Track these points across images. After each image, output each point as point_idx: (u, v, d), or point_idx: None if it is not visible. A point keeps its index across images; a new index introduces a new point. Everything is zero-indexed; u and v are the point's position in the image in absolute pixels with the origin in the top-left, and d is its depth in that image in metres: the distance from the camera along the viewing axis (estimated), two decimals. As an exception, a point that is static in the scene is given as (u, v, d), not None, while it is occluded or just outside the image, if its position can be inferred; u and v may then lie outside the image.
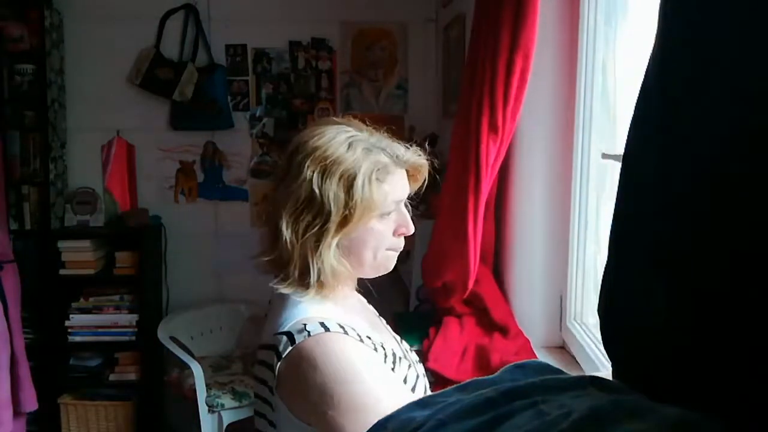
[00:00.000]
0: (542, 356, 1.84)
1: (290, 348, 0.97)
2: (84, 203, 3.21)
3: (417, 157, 1.13)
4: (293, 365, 0.97)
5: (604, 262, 0.52)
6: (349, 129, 1.10)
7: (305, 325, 0.99)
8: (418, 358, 1.27)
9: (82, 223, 3.18)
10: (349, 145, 1.06)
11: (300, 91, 3.36)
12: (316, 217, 1.04)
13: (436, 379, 1.81)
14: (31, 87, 3.05)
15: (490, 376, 0.51)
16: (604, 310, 0.51)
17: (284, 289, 1.06)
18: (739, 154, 0.36)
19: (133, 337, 3.13)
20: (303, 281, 1.06)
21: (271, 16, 3.30)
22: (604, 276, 0.51)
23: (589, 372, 1.75)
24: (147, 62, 3.22)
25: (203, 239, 3.39)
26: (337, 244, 1.06)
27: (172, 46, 3.26)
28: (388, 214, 1.10)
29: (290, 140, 1.12)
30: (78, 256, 3.07)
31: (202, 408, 2.82)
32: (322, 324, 0.99)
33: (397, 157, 1.10)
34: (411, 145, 1.15)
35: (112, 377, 3.17)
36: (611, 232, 0.49)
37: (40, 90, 3.04)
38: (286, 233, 1.04)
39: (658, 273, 0.42)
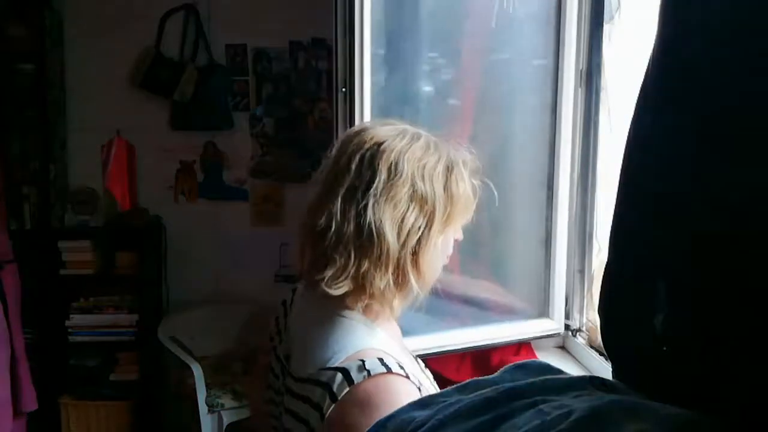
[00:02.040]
0: (542, 356, 1.84)
1: (347, 389, 0.86)
2: (84, 203, 3.20)
3: (474, 156, 1.03)
4: (346, 409, 0.86)
5: (605, 264, 0.52)
6: (414, 128, 1.01)
7: (363, 361, 0.88)
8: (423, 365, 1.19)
9: (82, 223, 3.18)
10: (435, 144, 0.98)
11: (300, 91, 3.36)
12: (418, 218, 0.94)
13: (435, 379, 1.81)
14: (31, 87, 3.05)
15: (490, 376, 0.51)
16: (604, 310, 0.51)
17: (348, 311, 0.95)
18: (739, 155, 0.36)
19: (133, 337, 3.12)
20: (373, 299, 0.94)
21: (271, 16, 3.29)
22: (604, 277, 0.51)
23: (589, 372, 1.75)
24: (147, 62, 3.21)
25: (203, 239, 3.39)
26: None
27: (172, 46, 3.26)
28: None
29: (349, 149, 0.98)
30: (78, 256, 3.07)
31: (202, 408, 2.82)
32: (382, 361, 0.89)
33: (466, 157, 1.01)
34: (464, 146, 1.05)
35: (112, 377, 3.16)
36: (611, 233, 0.50)
37: (40, 90, 3.03)
38: (391, 239, 0.92)
39: (658, 274, 0.42)
